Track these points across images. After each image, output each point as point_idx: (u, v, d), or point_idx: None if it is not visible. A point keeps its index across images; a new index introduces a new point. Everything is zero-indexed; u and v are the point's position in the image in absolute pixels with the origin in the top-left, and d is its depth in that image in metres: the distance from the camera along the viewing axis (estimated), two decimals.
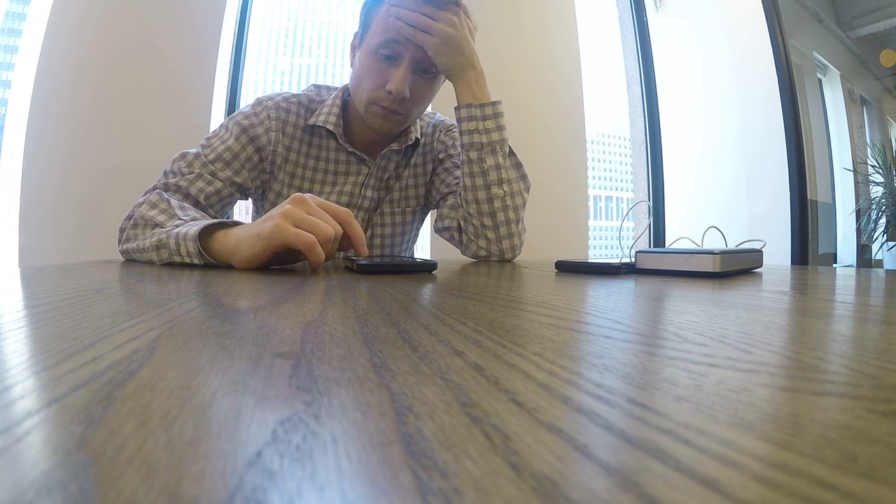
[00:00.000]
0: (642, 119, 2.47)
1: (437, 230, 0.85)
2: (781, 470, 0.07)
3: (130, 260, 0.61)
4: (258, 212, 0.86)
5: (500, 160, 0.75)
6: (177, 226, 0.55)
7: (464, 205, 0.78)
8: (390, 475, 0.07)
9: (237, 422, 0.09)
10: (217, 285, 0.34)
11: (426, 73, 0.74)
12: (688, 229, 2.28)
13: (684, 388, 0.11)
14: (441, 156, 0.87)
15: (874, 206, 2.90)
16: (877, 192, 2.95)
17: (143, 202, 0.63)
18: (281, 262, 0.52)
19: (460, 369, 0.13)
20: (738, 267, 0.51)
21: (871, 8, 3.17)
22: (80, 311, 0.21)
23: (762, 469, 0.07)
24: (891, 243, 2.81)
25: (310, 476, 0.07)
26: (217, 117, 1.74)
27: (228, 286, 0.33)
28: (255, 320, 0.20)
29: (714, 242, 0.71)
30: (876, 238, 2.88)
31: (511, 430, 0.09)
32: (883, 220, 2.87)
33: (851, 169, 3.06)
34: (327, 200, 0.53)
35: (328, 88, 0.84)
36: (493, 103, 0.75)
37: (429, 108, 0.85)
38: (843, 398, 0.11)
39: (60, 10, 1.62)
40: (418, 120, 0.86)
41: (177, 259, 0.53)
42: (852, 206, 3.04)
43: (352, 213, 0.52)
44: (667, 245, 0.91)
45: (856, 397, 0.11)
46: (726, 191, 2.31)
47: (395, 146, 0.82)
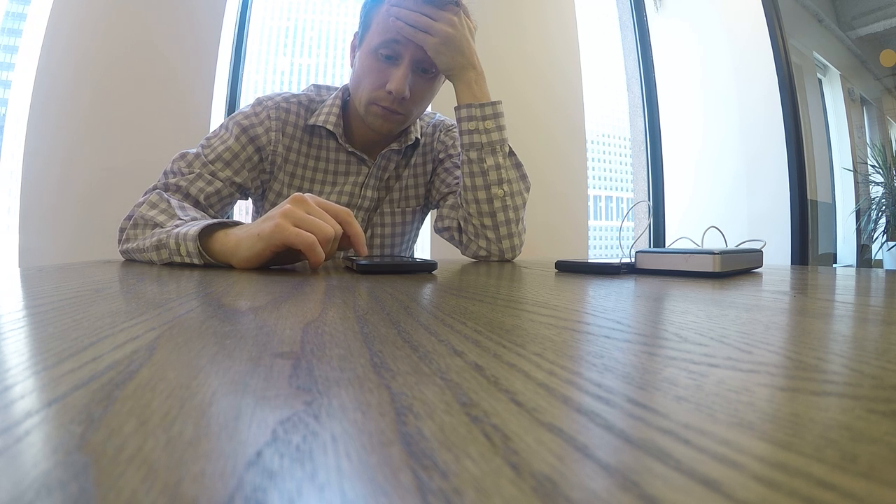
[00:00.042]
0: (642, 119, 2.47)
1: (437, 230, 0.85)
2: (781, 470, 0.07)
3: (130, 260, 0.61)
4: (258, 212, 0.86)
5: (500, 160, 0.75)
6: (177, 226, 0.55)
7: (464, 205, 0.78)
8: (390, 475, 0.07)
9: (237, 422, 0.09)
10: (217, 285, 0.34)
11: (426, 73, 0.74)
12: (688, 229, 2.28)
13: (684, 388, 0.11)
14: (441, 156, 0.87)
15: (874, 206, 2.90)
16: (877, 192, 2.95)
17: (143, 202, 0.63)
18: (281, 262, 0.52)
19: (460, 369, 0.13)
20: (738, 267, 0.51)
21: (871, 8, 3.17)
22: (80, 311, 0.21)
23: (762, 469, 0.07)
24: (891, 243, 2.81)
25: (310, 476, 0.07)
26: (217, 117, 1.74)
27: (228, 286, 0.33)
28: (255, 320, 0.20)
29: (714, 242, 0.71)
30: (876, 238, 2.88)
31: (511, 430, 0.09)
32: (883, 220, 2.87)
33: (851, 169, 3.06)
34: (327, 200, 0.53)
35: (328, 88, 0.84)
36: (493, 103, 0.75)
37: (429, 108, 0.85)
38: (843, 398, 0.11)
39: (60, 10, 1.62)
40: (418, 120, 0.86)
41: (177, 259, 0.53)
42: (852, 206, 3.04)
43: (352, 212, 0.52)
44: (667, 245, 0.90)
45: (856, 397, 0.11)
46: (726, 191, 2.31)
47: (395, 146, 0.82)
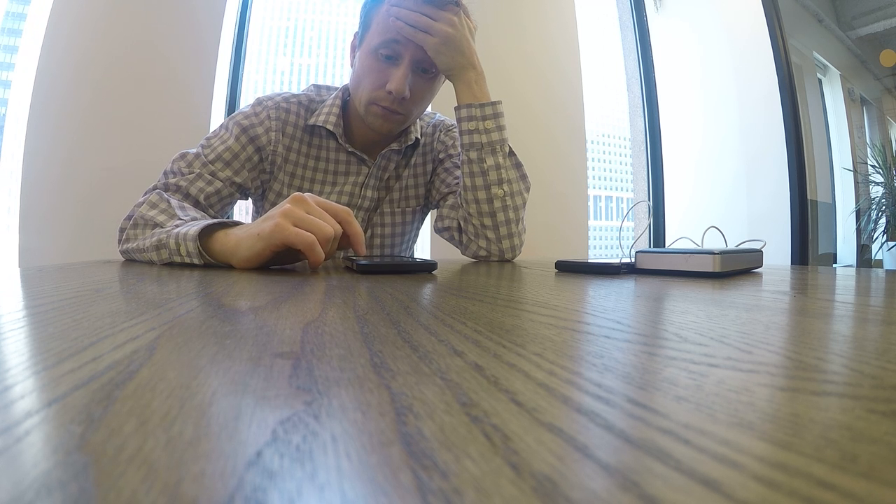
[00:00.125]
0: (642, 119, 2.47)
1: (437, 230, 0.85)
2: (781, 470, 0.07)
3: (130, 260, 0.61)
4: (258, 212, 0.86)
5: (500, 160, 0.75)
6: (177, 226, 0.55)
7: (464, 205, 0.78)
8: (390, 475, 0.07)
9: (237, 422, 0.09)
10: (217, 285, 0.34)
11: (426, 73, 0.74)
12: (688, 229, 2.28)
13: (684, 388, 0.11)
14: (441, 156, 0.87)
15: (874, 206, 2.90)
16: (877, 192, 2.95)
17: (143, 202, 0.63)
18: (281, 261, 0.52)
19: (460, 369, 0.13)
20: (738, 267, 0.51)
21: (871, 8, 3.17)
22: (80, 311, 0.21)
23: (762, 469, 0.07)
24: (891, 243, 2.81)
25: (310, 476, 0.07)
26: (217, 117, 1.74)
27: (228, 286, 0.33)
28: (255, 320, 0.20)
29: (714, 242, 0.71)
30: (876, 238, 2.88)
31: (511, 430, 0.09)
32: (883, 220, 2.87)
33: (851, 169, 3.06)
34: (327, 200, 0.53)
35: (328, 88, 0.84)
36: (493, 103, 0.75)
37: (429, 108, 0.85)
38: (843, 398, 0.11)
39: (60, 10, 1.62)
40: (418, 120, 0.86)
41: (177, 259, 0.53)
42: (852, 206, 3.04)
43: (352, 212, 0.52)
44: (667, 245, 0.90)
45: (856, 397, 0.11)
46: (726, 191, 2.31)
47: (395, 146, 0.82)
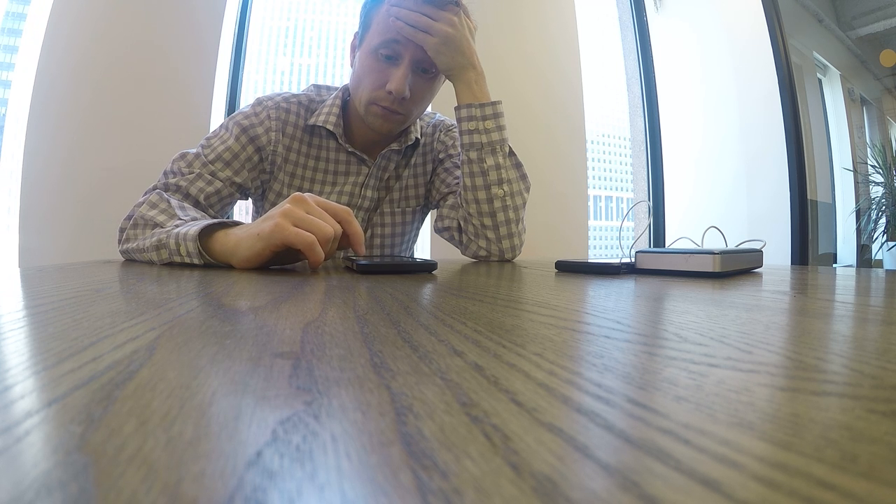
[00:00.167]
0: (642, 119, 2.47)
1: (437, 230, 0.85)
2: (781, 470, 0.07)
3: (130, 260, 0.61)
4: (258, 212, 0.86)
5: (500, 160, 0.75)
6: (177, 226, 0.55)
7: (464, 205, 0.78)
8: (390, 475, 0.07)
9: (237, 422, 0.09)
10: (217, 285, 0.34)
11: (426, 73, 0.74)
12: (688, 229, 2.28)
13: (684, 388, 0.11)
14: (441, 156, 0.87)
15: (874, 206, 2.90)
16: (877, 192, 2.95)
17: (143, 202, 0.63)
18: (281, 261, 0.52)
19: (460, 369, 0.13)
20: (738, 267, 0.51)
21: (871, 8, 3.17)
22: (80, 311, 0.21)
23: (762, 469, 0.07)
24: (891, 243, 2.81)
25: (310, 476, 0.07)
26: (217, 117, 1.74)
27: (228, 286, 0.33)
28: (255, 320, 0.20)
29: (714, 242, 0.71)
30: (876, 238, 2.88)
31: (511, 430, 0.09)
32: (883, 220, 2.87)
33: (851, 169, 3.06)
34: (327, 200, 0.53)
35: (328, 88, 0.84)
36: (493, 103, 0.75)
37: (429, 108, 0.85)
38: (843, 398, 0.11)
39: (60, 10, 1.62)
40: (418, 120, 0.86)
41: (177, 259, 0.53)
42: (852, 206, 3.04)
43: (352, 211, 0.52)
44: (667, 245, 0.90)
45: (856, 397, 0.11)
46: (726, 191, 2.31)
47: (395, 146, 0.82)
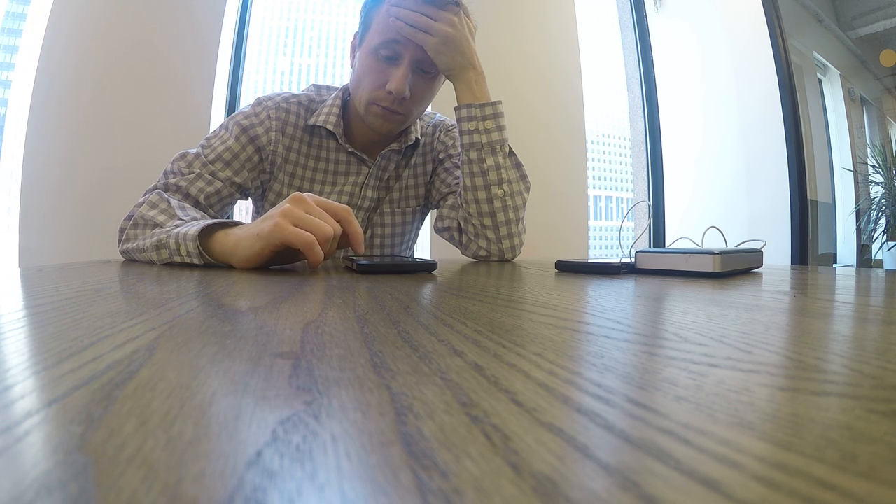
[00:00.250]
0: (642, 119, 2.47)
1: (437, 230, 0.85)
2: (781, 470, 0.07)
3: (130, 260, 0.61)
4: (258, 212, 0.86)
5: (500, 160, 0.75)
6: (177, 226, 0.55)
7: (464, 205, 0.78)
8: (390, 475, 0.07)
9: (237, 422, 0.09)
10: (217, 285, 0.34)
11: (426, 73, 0.74)
12: (688, 229, 2.28)
13: (684, 388, 0.11)
14: (441, 156, 0.87)
15: (874, 206, 2.90)
16: (877, 192, 2.95)
17: (143, 202, 0.63)
18: (281, 261, 0.52)
19: (460, 369, 0.13)
20: (738, 267, 0.51)
21: (871, 8, 3.17)
22: (80, 311, 0.21)
23: (762, 469, 0.07)
24: (891, 243, 2.81)
25: (310, 476, 0.07)
26: (217, 117, 1.74)
27: (228, 286, 0.33)
28: (255, 320, 0.20)
29: (714, 242, 0.71)
30: (876, 238, 2.88)
31: (511, 430, 0.09)
32: (883, 220, 2.87)
33: (851, 169, 3.06)
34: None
35: (328, 88, 0.84)
36: (493, 103, 0.75)
37: (429, 108, 0.85)
38: (843, 398, 0.11)
39: (60, 10, 1.62)
40: (418, 120, 0.86)
41: (177, 259, 0.53)
42: (852, 206, 3.04)
43: (351, 210, 0.52)
44: (667, 245, 0.90)
45: (856, 397, 0.11)
46: (726, 191, 2.31)
47: (395, 146, 0.82)
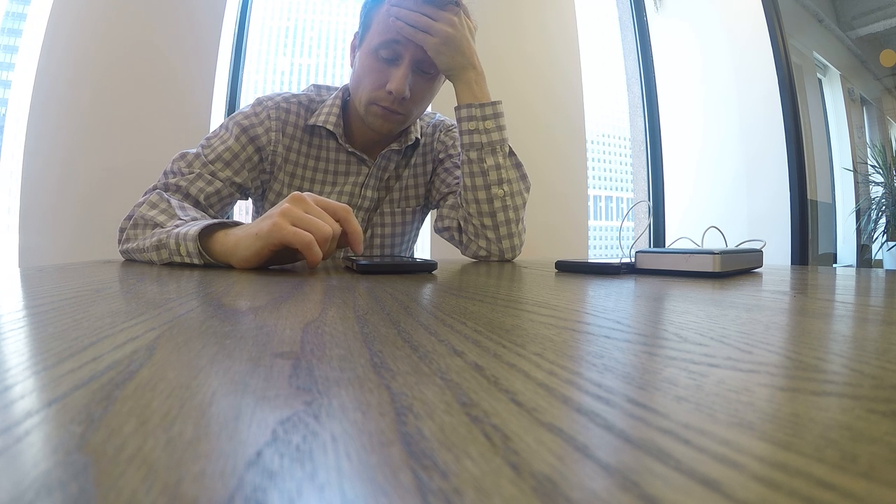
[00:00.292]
0: (642, 119, 2.47)
1: (437, 230, 0.85)
2: (781, 470, 0.07)
3: (130, 260, 0.61)
4: (258, 212, 0.86)
5: (500, 160, 0.75)
6: (177, 226, 0.55)
7: (464, 205, 0.78)
8: (390, 475, 0.07)
9: (237, 422, 0.09)
10: (217, 285, 0.34)
11: (426, 73, 0.74)
12: (688, 229, 2.28)
13: (684, 388, 0.11)
14: (441, 156, 0.87)
15: (874, 206, 2.90)
16: (877, 192, 2.95)
17: (143, 202, 0.63)
18: (280, 261, 0.52)
19: (460, 369, 0.13)
20: (738, 267, 0.51)
21: (871, 8, 3.17)
22: (80, 311, 0.21)
23: (762, 469, 0.07)
24: (891, 243, 2.81)
25: (310, 476, 0.07)
26: (217, 117, 1.74)
27: (228, 286, 0.33)
28: (255, 320, 0.20)
29: (714, 242, 0.71)
30: (876, 238, 2.88)
31: (511, 430, 0.09)
32: (883, 220, 2.87)
33: (851, 169, 3.06)
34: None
35: (328, 88, 0.84)
36: (493, 103, 0.75)
37: (429, 108, 0.85)
38: (843, 398, 0.11)
39: (60, 10, 1.62)
40: (418, 120, 0.86)
41: (177, 259, 0.53)
42: (852, 206, 3.04)
43: (351, 209, 0.52)
44: (667, 245, 0.90)
45: (856, 397, 0.11)
46: (726, 191, 2.31)
47: (395, 146, 0.82)
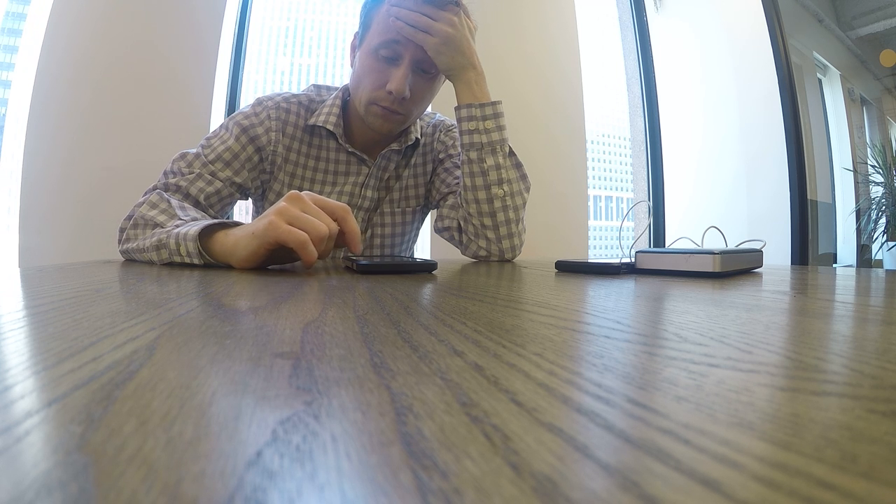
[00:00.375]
0: (642, 119, 2.47)
1: (437, 230, 0.85)
2: (781, 470, 0.07)
3: (130, 260, 0.61)
4: (258, 212, 0.86)
5: (500, 160, 0.75)
6: (177, 226, 0.55)
7: (464, 205, 0.78)
8: (390, 475, 0.07)
9: (237, 422, 0.09)
10: (217, 285, 0.34)
11: (426, 73, 0.74)
12: (688, 229, 2.28)
13: (684, 388, 0.11)
14: (441, 156, 0.87)
15: (874, 206, 2.90)
16: (877, 192, 2.95)
17: (144, 202, 0.63)
18: (279, 260, 0.52)
19: (460, 369, 0.13)
20: (738, 267, 0.51)
21: (871, 8, 3.17)
22: (80, 311, 0.21)
23: (762, 469, 0.07)
24: (891, 243, 2.81)
25: (310, 476, 0.07)
26: (217, 117, 1.74)
27: (228, 286, 0.33)
28: (255, 320, 0.20)
29: (714, 242, 0.71)
30: (876, 238, 2.88)
31: (511, 430, 0.09)
32: (883, 220, 2.87)
33: (851, 169, 3.06)
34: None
35: (328, 88, 0.84)
36: (493, 103, 0.75)
37: (429, 108, 0.85)
38: (843, 398, 0.11)
39: (60, 10, 1.62)
40: (418, 120, 0.86)
41: (177, 259, 0.53)
42: (852, 206, 3.04)
43: (349, 209, 0.52)
44: (667, 245, 0.90)
45: (856, 397, 0.11)
46: (726, 191, 2.31)
47: (395, 146, 0.82)
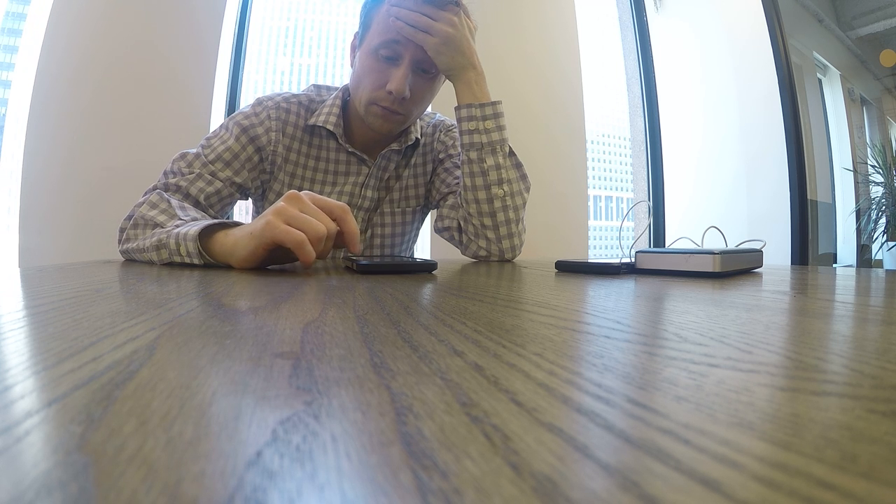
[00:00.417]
0: (642, 119, 2.47)
1: (437, 230, 0.85)
2: (781, 470, 0.07)
3: (130, 260, 0.61)
4: (258, 212, 0.86)
5: (500, 160, 0.75)
6: (177, 226, 0.55)
7: (464, 205, 0.78)
8: (390, 475, 0.07)
9: (237, 422, 0.09)
10: (217, 285, 0.34)
11: (426, 73, 0.74)
12: (688, 229, 2.28)
13: (684, 388, 0.11)
14: (441, 156, 0.87)
15: (874, 206, 2.90)
16: (877, 192, 2.95)
17: (144, 202, 0.63)
18: (278, 260, 0.52)
19: (460, 369, 0.13)
20: (738, 267, 0.51)
21: (871, 8, 3.17)
22: (80, 311, 0.21)
23: (762, 469, 0.07)
24: (891, 243, 2.81)
25: (310, 476, 0.07)
26: (217, 117, 1.74)
27: (228, 286, 0.33)
28: (255, 320, 0.20)
29: (714, 242, 0.71)
30: (876, 238, 2.88)
31: (511, 430, 0.09)
32: (883, 220, 2.87)
33: (851, 169, 3.06)
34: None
35: (328, 88, 0.84)
36: (493, 103, 0.75)
37: (429, 108, 0.85)
38: (843, 398, 0.11)
39: (60, 10, 1.62)
40: (418, 120, 0.86)
41: (177, 259, 0.53)
42: (852, 206, 3.04)
43: (349, 208, 0.52)
44: (667, 245, 0.90)
45: (856, 397, 0.11)
46: (726, 191, 2.31)
47: (395, 146, 0.82)
